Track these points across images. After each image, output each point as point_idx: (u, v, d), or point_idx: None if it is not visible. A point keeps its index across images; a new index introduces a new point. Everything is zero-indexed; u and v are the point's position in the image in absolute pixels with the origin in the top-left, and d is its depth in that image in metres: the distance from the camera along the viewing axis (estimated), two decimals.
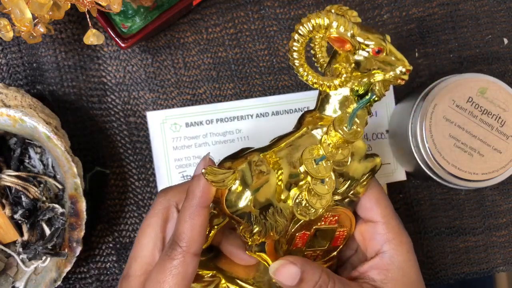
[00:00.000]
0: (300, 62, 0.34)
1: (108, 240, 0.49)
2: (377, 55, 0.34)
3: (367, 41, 0.34)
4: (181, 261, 0.35)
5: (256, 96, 0.50)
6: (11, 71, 0.49)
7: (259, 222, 0.35)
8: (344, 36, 0.33)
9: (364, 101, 0.35)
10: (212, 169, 0.34)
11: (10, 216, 0.44)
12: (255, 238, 0.35)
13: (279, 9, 0.50)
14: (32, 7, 0.37)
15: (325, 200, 0.36)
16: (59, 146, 0.42)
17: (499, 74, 0.51)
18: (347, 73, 0.35)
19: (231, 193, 0.35)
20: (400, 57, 0.34)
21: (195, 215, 0.35)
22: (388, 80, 0.35)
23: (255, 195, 0.35)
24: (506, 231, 0.51)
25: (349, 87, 0.36)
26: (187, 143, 0.49)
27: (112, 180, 0.49)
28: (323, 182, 0.36)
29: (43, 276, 0.44)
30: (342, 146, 0.36)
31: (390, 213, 0.39)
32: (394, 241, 0.38)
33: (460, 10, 0.51)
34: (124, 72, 0.49)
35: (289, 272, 0.36)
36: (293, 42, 0.34)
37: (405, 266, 0.38)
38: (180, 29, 0.49)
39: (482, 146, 0.43)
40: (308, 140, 0.37)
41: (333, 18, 0.33)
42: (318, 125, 0.37)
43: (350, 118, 0.35)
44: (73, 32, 0.49)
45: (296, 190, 0.36)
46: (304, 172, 0.36)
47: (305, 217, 0.37)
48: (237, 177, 0.34)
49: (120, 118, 0.49)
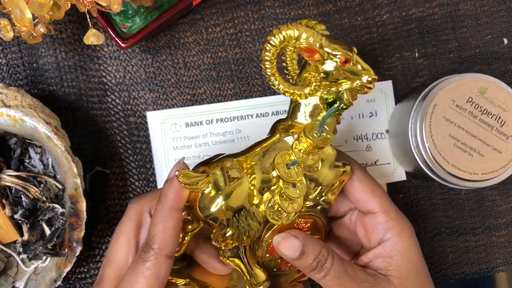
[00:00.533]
0: (272, 72, 0.36)
1: (108, 240, 0.49)
2: (344, 64, 0.35)
3: (334, 52, 0.35)
4: (154, 263, 0.35)
5: (256, 96, 0.50)
6: (11, 71, 0.49)
7: (231, 225, 0.36)
8: (313, 46, 0.35)
9: (333, 109, 0.37)
10: (185, 172, 0.35)
11: (10, 216, 0.44)
12: (228, 242, 0.36)
13: (279, 9, 0.50)
14: (32, 7, 0.37)
15: (296, 204, 0.37)
16: (59, 146, 0.42)
17: (499, 74, 0.51)
18: (316, 82, 0.36)
19: (204, 197, 0.36)
20: (366, 67, 0.36)
21: (167, 218, 0.36)
22: (355, 89, 0.37)
23: (228, 199, 0.36)
24: (506, 231, 0.51)
25: (318, 96, 0.37)
26: (187, 143, 0.49)
27: (112, 180, 0.49)
28: (295, 186, 0.37)
29: (43, 276, 0.44)
30: (312, 152, 0.37)
31: (387, 201, 0.40)
32: (396, 228, 0.39)
33: (460, 10, 0.51)
34: (124, 72, 0.49)
35: (291, 245, 0.37)
36: (265, 52, 0.36)
37: (408, 251, 0.39)
38: (180, 29, 0.49)
39: (482, 146, 0.43)
40: (280, 146, 0.38)
41: (303, 30, 0.35)
42: (290, 132, 0.38)
43: (320, 125, 0.36)
44: (73, 32, 0.49)
45: (269, 194, 0.37)
46: (276, 177, 0.37)
47: (278, 221, 0.37)
48: (210, 181, 0.35)
49: (120, 118, 0.49)
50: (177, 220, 0.36)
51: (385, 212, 0.39)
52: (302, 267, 0.37)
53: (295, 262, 0.37)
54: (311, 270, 0.37)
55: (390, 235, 0.39)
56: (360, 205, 0.40)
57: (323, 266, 0.37)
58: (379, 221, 0.39)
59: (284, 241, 0.37)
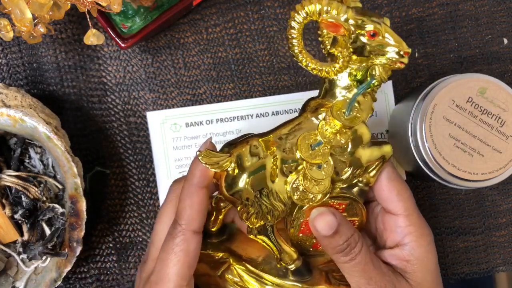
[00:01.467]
0: (299, 49, 0.35)
1: (108, 240, 0.49)
2: (373, 38, 0.33)
3: (361, 24, 0.33)
4: (182, 239, 0.36)
5: (256, 96, 0.50)
6: (11, 71, 0.49)
7: (253, 204, 0.35)
8: (337, 20, 0.33)
9: (363, 86, 0.35)
10: (207, 152, 0.35)
11: (10, 216, 0.44)
12: (252, 221, 0.36)
13: (279, 9, 0.50)
14: (32, 7, 0.37)
15: (322, 186, 0.36)
16: (59, 146, 0.42)
17: (499, 74, 0.51)
18: (344, 58, 0.35)
19: (227, 176, 0.35)
20: (397, 39, 0.34)
21: (193, 194, 0.36)
22: (387, 64, 0.35)
23: (251, 177, 0.35)
24: (506, 231, 0.51)
25: (348, 72, 0.35)
26: (187, 143, 0.49)
27: (112, 180, 0.49)
28: (320, 167, 0.36)
29: (43, 276, 0.44)
30: (340, 132, 0.35)
31: (412, 205, 0.39)
32: (415, 233, 0.39)
33: (460, 10, 0.51)
34: (124, 72, 0.49)
35: (327, 221, 0.36)
36: (291, 30, 0.34)
37: (424, 258, 0.39)
38: (180, 29, 0.49)
39: (482, 146, 0.43)
40: (307, 125, 0.37)
41: (325, 3, 0.33)
42: (319, 111, 0.37)
43: (349, 103, 0.34)
44: (73, 32, 0.49)
45: (293, 175, 0.36)
46: (300, 158, 0.36)
47: (304, 203, 0.37)
48: (233, 160, 0.35)
49: (120, 118, 0.49)
50: (203, 197, 0.36)
51: (408, 217, 0.39)
52: (330, 246, 0.37)
53: (325, 240, 0.37)
54: (339, 251, 0.37)
55: (408, 240, 0.39)
56: (384, 203, 0.40)
57: (351, 250, 0.36)
58: (399, 224, 0.39)
59: (321, 216, 0.36)
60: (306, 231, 0.39)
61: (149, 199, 0.49)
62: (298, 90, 0.50)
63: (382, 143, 0.38)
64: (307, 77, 0.50)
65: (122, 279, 0.49)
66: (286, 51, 0.50)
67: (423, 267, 0.39)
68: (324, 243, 0.37)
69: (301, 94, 0.50)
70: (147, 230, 0.49)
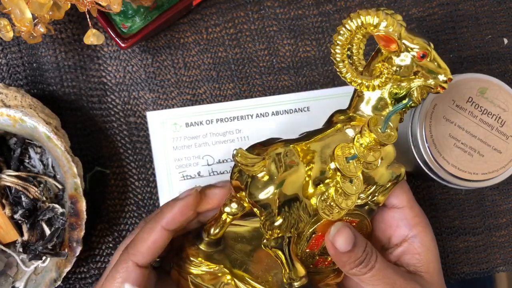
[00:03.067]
0: (341, 58, 0.34)
1: (108, 240, 0.49)
2: (421, 59, 0.34)
3: (412, 45, 0.33)
4: (125, 268, 0.36)
5: (256, 96, 0.50)
6: (11, 71, 0.49)
7: (282, 214, 0.34)
8: (392, 36, 0.33)
9: (400, 106, 0.35)
10: (243, 152, 0.34)
11: (10, 216, 0.44)
12: (275, 232, 0.35)
13: (279, 9, 0.50)
14: (32, 7, 0.37)
15: (350, 201, 0.36)
16: (59, 146, 0.42)
17: (499, 74, 0.51)
18: (388, 75, 0.34)
19: (256, 181, 0.34)
20: (443, 65, 0.34)
21: (153, 231, 0.36)
22: (428, 87, 0.35)
23: (282, 186, 0.34)
24: (506, 231, 0.51)
25: (387, 90, 0.35)
26: (187, 143, 0.49)
27: (112, 180, 0.49)
28: (352, 182, 0.35)
29: (43, 276, 0.44)
30: (374, 148, 0.35)
31: (413, 197, 0.40)
32: (421, 224, 0.39)
33: (460, 10, 0.51)
34: (124, 72, 0.49)
35: (346, 236, 0.36)
36: (338, 36, 0.34)
37: (432, 246, 0.39)
38: (180, 29, 0.49)
39: (482, 146, 0.43)
40: (340, 137, 0.36)
41: (383, 17, 0.33)
42: (351, 125, 0.36)
43: (385, 120, 0.34)
44: (73, 32, 0.49)
45: (323, 187, 0.36)
46: (334, 169, 0.35)
47: (329, 216, 0.36)
48: (266, 165, 0.34)
49: (120, 118, 0.49)
50: (163, 237, 0.37)
51: (411, 208, 0.39)
52: (350, 261, 0.36)
53: (344, 256, 0.36)
54: (359, 263, 0.36)
55: (416, 232, 0.39)
56: (386, 199, 0.40)
57: (369, 259, 0.36)
58: (405, 216, 0.39)
59: (340, 233, 0.36)
60: (314, 247, 0.38)
61: (149, 199, 0.49)
62: (298, 90, 0.50)
63: (399, 165, 0.38)
64: (307, 77, 0.50)
65: None
66: (286, 51, 0.50)
67: (433, 256, 0.39)
68: (343, 260, 0.36)
69: (301, 94, 0.50)
70: None
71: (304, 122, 0.49)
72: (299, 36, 0.50)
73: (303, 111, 0.50)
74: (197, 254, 0.39)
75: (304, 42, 0.50)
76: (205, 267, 0.39)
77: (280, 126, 0.49)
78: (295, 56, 0.50)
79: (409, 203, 0.39)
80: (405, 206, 0.39)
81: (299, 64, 0.50)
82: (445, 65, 0.34)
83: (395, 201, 0.39)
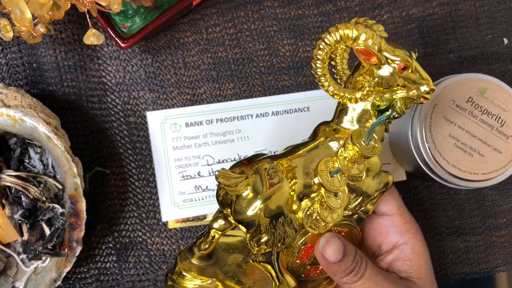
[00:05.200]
0: (322, 72, 0.34)
1: (108, 240, 0.49)
2: (402, 71, 0.34)
3: (393, 57, 0.33)
4: None
5: (256, 96, 0.50)
6: (11, 71, 0.49)
7: (267, 231, 0.34)
8: (371, 49, 0.33)
9: (384, 117, 0.35)
10: (225, 172, 0.33)
11: (10, 216, 0.44)
12: (261, 248, 0.35)
13: (279, 9, 0.50)
14: (32, 7, 0.37)
15: (336, 215, 0.36)
16: (59, 146, 0.42)
17: (499, 74, 0.51)
18: (370, 87, 0.34)
19: (241, 200, 0.34)
20: (425, 76, 0.34)
21: None
22: (410, 98, 0.35)
23: (266, 203, 0.34)
24: (506, 231, 0.51)
25: (370, 101, 0.35)
26: (187, 143, 0.49)
27: (112, 180, 0.49)
28: (336, 195, 0.35)
29: (43, 276, 0.44)
30: (358, 161, 0.35)
31: (402, 204, 0.40)
32: (412, 230, 0.39)
33: (460, 10, 0.51)
34: (124, 72, 0.49)
35: (336, 247, 0.36)
36: (318, 51, 0.34)
37: (423, 252, 0.39)
38: (180, 29, 0.49)
39: (482, 146, 0.43)
40: (324, 151, 0.36)
41: (362, 31, 0.33)
42: (335, 137, 0.36)
43: (368, 132, 0.34)
44: (73, 32, 0.49)
45: (308, 202, 0.36)
46: (318, 184, 0.35)
47: (315, 231, 0.36)
48: (250, 183, 0.34)
49: (120, 118, 0.49)
50: None
51: (401, 215, 0.39)
52: (340, 270, 0.36)
53: (334, 266, 0.36)
54: (349, 273, 0.36)
55: (407, 238, 0.39)
56: (376, 206, 0.40)
57: (359, 268, 0.36)
58: (395, 223, 0.39)
59: (329, 244, 0.36)
60: (304, 258, 0.38)
61: (149, 199, 0.49)
62: (298, 90, 0.50)
63: (386, 172, 0.38)
64: (307, 77, 0.50)
65: (122, 279, 0.49)
66: (286, 51, 0.50)
67: (425, 263, 0.39)
68: (333, 269, 0.37)
69: (301, 94, 0.50)
70: (147, 230, 0.49)
71: (304, 122, 0.49)
72: (299, 36, 0.50)
73: (303, 111, 0.50)
74: (190, 268, 0.39)
75: (304, 42, 0.50)
76: (198, 281, 0.39)
77: (280, 126, 0.49)
78: (295, 56, 0.50)
79: (398, 209, 0.39)
80: (395, 213, 0.39)
81: (299, 64, 0.50)
82: (427, 76, 0.34)
83: (385, 208, 0.39)
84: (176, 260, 0.40)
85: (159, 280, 0.49)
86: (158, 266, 0.49)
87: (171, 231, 0.49)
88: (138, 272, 0.49)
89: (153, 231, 0.49)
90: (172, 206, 0.49)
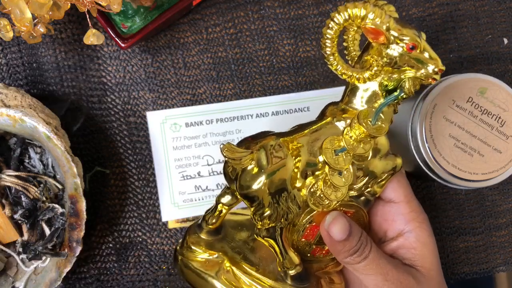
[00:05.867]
0: (331, 51, 0.34)
1: (108, 240, 0.49)
2: (411, 51, 0.33)
3: (401, 36, 0.33)
4: None
5: (256, 96, 0.50)
6: (11, 71, 0.49)
7: (270, 206, 0.35)
8: (379, 28, 0.33)
9: (392, 98, 0.35)
10: (230, 146, 0.34)
11: (10, 216, 0.44)
12: (265, 222, 0.35)
13: (279, 9, 0.50)
14: (32, 7, 0.37)
15: (340, 193, 0.36)
16: (59, 146, 0.42)
17: (499, 74, 0.51)
18: (378, 67, 0.34)
19: (245, 174, 0.35)
20: (434, 56, 0.34)
21: None
22: (419, 78, 0.35)
23: (270, 178, 0.34)
24: (506, 231, 0.51)
25: (378, 82, 0.35)
26: (187, 143, 0.49)
27: (112, 180, 0.49)
28: (341, 174, 0.36)
29: (43, 276, 0.44)
30: (364, 140, 0.35)
31: (410, 192, 0.40)
32: (418, 219, 0.39)
33: (460, 10, 0.51)
34: (124, 72, 0.49)
35: (341, 225, 0.36)
36: (327, 29, 0.33)
37: (428, 241, 0.39)
38: (180, 29, 0.49)
39: (482, 146, 0.43)
40: (331, 130, 0.36)
41: (370, 9, 0.32)
42: (342, 117, 0.36)
43: (376, 113, 0.34)
44: (73, 32, 0.49)
45: (312, 179, 0.36)
46: (322, 162, 0.36)
47: (318, 208, 0.36)
48: (254, 158, 0.34)
49: (120, 118, 0.49)
50: None
51: (408, 203, 0.39)
52: (344, 249, 0.37)
53: (339, 245, 0.36)
54: (354, 253, 0.36)
55: (412, 227, 0.39)
56: (384, 193, 0.40)
57: (364, 249, 0.37)
58: (401, 211, 0.39)
59: (335, 222, 0.36)
60: (309, 237, 0.39)
61: (149, 199, 0.49)
62: (298, 90, 0.50)
63: (395, 155, 0.38)
64: (307, 77, 0.50)
65: (122, 279, 0.49)
66: (286, 51, 0.50)
67: (429, 252, 0.39)
68: (337, 248, 0.37)
69: (301, 94, 0.50)
70: (147, 230, 0.49)
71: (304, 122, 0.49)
72: (299, 36, 0.50)
73: (303, 111, 0.50)
74: (198, 242, 0.40)
75: (304, 42, 0.50)
76: (206, 255, 0.40)
77: (280, 126, 0.49)
78: (295, 56, 0.50)
79: (406, 197, 0.39)
80: (402, 200, 0.39)
81: (299, 64, 0.50)
82: (436, 56, 0.34)
83: (392, 195, 0.39)
84: (185, 234, 0.41)
85: (159, 280, 0.49)
86: (158, 266, 0.49)
87: (171, 231, 0.49)
88: (138, 272, 0.49)
89: (153, 231, 0.49)
90: (172, 206, 0.49)
